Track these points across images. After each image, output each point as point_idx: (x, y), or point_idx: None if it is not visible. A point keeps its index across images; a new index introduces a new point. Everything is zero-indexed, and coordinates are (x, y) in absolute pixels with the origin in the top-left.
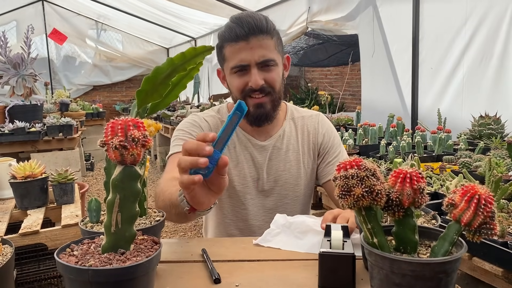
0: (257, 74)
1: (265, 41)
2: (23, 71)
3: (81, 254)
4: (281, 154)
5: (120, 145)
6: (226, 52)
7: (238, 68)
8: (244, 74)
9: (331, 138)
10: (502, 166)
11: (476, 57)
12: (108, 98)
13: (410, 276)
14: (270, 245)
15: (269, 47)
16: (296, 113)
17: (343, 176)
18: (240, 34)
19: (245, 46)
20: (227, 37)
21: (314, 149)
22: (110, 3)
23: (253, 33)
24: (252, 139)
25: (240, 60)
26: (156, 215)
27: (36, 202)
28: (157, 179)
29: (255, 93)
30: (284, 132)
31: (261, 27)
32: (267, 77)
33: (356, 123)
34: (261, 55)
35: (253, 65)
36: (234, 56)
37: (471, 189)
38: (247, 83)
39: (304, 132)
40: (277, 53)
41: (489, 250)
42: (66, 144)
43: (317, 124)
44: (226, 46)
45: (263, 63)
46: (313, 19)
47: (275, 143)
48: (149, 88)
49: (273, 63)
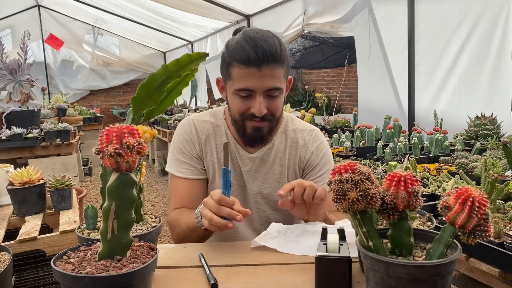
0: (262, 103)
1: (277, 71)
2: (19, 77)
3: (78, 262)
4: (267, 167)
5: (115, 152)
6: (234, 72)
7: (243, 93)
8: (248, 99)
9: (319, 157)
10: (498, 166)
11: (472, 57)
12: (105, 102)
13: (405, 279)
14: (267, 244)
15: (280, 76)
16: (291, 125)
17: (337, 181)
18: (253, 59)
19: (255, 73)
20: (237, 58)
21: (300, 164)
22: (107, 8)
23: (266, 61)
24: (241, 149)
25: (248, 86)
26: (153, 221)
27: (33, 209)
28: (155, 184)
29: (255, 118)
30: (274, 145)
31: (275, 55)
32: (270, 105)
33: (353, 125)
34: (270, 84)
35: (260, 93)
36: (242, 79)
37: (465, 192)
38: (249, 108)
39: (293, 145)
40: (285, 80)
41: (485, 251)
42: (63, 149)
43: (309, 140)
44: (234, 66)
45: (269, 91)
46: (309, 22)
47: (263, 155)
48: (144, 95)
49: (279, 92)
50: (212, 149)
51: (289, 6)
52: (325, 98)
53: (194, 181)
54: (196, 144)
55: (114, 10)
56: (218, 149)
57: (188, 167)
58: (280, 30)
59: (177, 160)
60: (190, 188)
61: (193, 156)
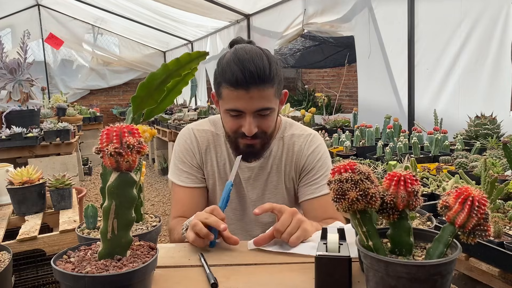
0: (251, 123)
1: (265, 91)
2: (19, 76)
3: (78, 261)
4: (265, 174)
5: (115, 152)
6: (224, 93)
7: (233, 112)
8: (238, 117)
9: (315, 160)
10: (498, 166)
11: (472, 57)
12: (105, 102)
13: (405, 279)
14: (264, 246)
15: (269, 96)
16: (289, 130)
17: (337, 180)
18: (241, 81)
19: (244, 95)
20: (226, 79)
21: (296, 170)
22: (107, 7)
23: (254, 83)
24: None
25: (236, 107)
26: (153, 220)
27: (33, 208)
28: (155, 183)
29: (246, 136)
30: (271, 152)
31: (263, 76)
32: (261, 124)
33: (353, 124)
34: (259, 106)
35: (249, 114)
36: (231, 100)
37: (465, 191)
38: (240, 127)
39: (289, 151)
40: (276, 99)
41: (485, 251)
42: (63, 149)
43: (305, 145)
44: (224, 86)
45: (259, 111)
46: (309, 21)
47: (261, 163)
48: (144, 94)
49: (270, 111)
50: (212, 159)
51: (289, 6)
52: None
53: (195, 190)
54: (197, 154)
55: (114, 9)
56: (218, 158)
57: (189, 176)
58: (280, 30)
59: (178, 169)
60: (191, 197)
61: (193, 165)
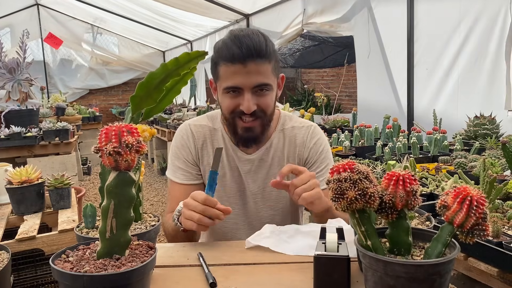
0: (250, 100)
1: (263, 66)
2: (18, 76)
3: (76, 260)
4: (266, 167)
5: (114, 151)
6: (221, 71)
7: (231, 89)
8: (236, 96)
9: (318, 153)
10: (497, 166)
11: (471, 57)
12: (104, 101)
13: (404, 278)
14: (260, 243)
15: (266, 72)
16: (289, 122)
17: (336, 179)
18: (237, 56)
19: (241, 70)
20: (223, 56)
21: (299, 162)
22: (106, 7)
23: (251, 57)
24: (239, 151)
25: (234, 83)
26: (152, 219)
27: (32, 208)
28: (154, 183)
29: (245, 116)
30: (272, 144)
31: (260, 51)
32: (260, 102)
33: (352, 124)
34: (256, 81)
35: (247, 90)
36: (228, 77)
37: (463, 191)
38: (238, 105)
39: (291, 144)
40: (273, 76)
41: (484, 251)
42: (62, 148)
43: (307, 137)
44: (221, 64)
45: (257, 87)
46: (308, 21)
47: (262, 155)
48: (143, 94)
49: (268, 88)
50: (209, 154)
51: (288, 5)
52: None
53: (190, 186)
54: (192, 150)
55: (113, 9)
56: (210, 155)
57: (184, 172)
58: (279, 30)
59: (174, 166)
60: (186, 194)
61: (188, 161)
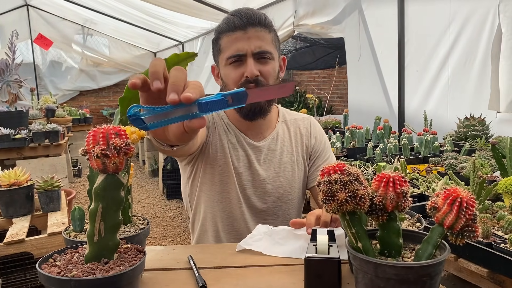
0: (253, 65)
1: (263, 33)
2: (7, 77)
3: (64, 264)
4: (276, 156)
5: (101, 153)
6: (222, 43)
7: (234, 58)
8: (239, 65)
9: (322, 142)
10: (487, 167)
11: (460, 59)
12: (95, 103)
13: (394, 280)
14: (251, 247)
15: (267, 39)
16: (288, 115)
17: (326, 181)
18: (238, 24)
19: (242, 36)
20: (224, 28)
21: (306, 152)
22: (96, 8)
23: (251, 24)
24: (247, 138)
25: (237, 50)
26: (141, 223)
27: (21, 210)
28: (145, 185)
29: (250, 85)
30: (278, 134)
31: (260, 20)
32: (262, 69)
33: (343, 125)
34: (257, 46)
35: (249, 55)
36: (230, 45)
37: (453, 193)
38: (242, 74)
39: (297, 134)
40: (274, 48)
41: (474, 251)
42: (52, 150)
43: (309, 126)
44: (222, 37)
45: (259, 54)
46: (299, 23)
47: (269, 144)
48: (132, 95)
49: (270, 56)
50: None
51: (279, 7)
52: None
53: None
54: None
55: (104, 10)
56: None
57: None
58: None
59: None
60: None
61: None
